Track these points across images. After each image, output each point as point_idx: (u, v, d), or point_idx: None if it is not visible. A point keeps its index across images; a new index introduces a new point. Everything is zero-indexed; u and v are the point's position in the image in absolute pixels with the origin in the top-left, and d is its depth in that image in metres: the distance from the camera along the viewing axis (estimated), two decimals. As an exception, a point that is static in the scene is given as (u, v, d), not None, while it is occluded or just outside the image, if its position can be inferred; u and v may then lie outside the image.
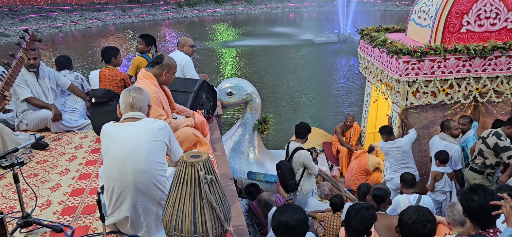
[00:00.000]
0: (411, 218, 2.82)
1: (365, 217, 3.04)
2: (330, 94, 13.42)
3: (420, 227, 2.76)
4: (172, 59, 4.05)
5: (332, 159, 7.83)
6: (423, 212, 2.87)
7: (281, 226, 2.70)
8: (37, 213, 3.21)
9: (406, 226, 2.83)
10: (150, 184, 2.73)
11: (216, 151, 4.53)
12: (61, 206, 3.34)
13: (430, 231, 2.78)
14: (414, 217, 2.82)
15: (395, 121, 6.18)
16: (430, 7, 5.86)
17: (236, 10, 37.10)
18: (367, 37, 6.72)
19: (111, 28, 29.47)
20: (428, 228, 2.77)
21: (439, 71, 5.69)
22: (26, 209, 2.95)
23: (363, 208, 3.12)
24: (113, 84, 5.17)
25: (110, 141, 2.74)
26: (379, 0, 37.43)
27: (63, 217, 3.19)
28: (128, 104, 2.85)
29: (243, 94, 6.36)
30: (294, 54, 19.46)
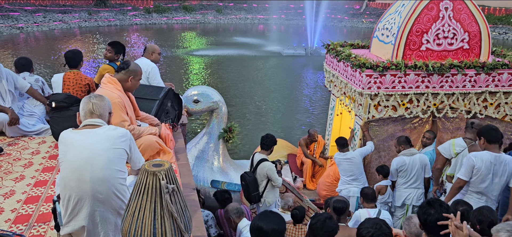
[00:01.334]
0: (369, 232, 2.90)
1: (331, 227, 3.15)
2: (296, 107, 13.58)
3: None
4: (138, 66, 4.00)
5: (296, 170, 7.91)
6: (380, 225, 2.95)
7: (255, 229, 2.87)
8: (-12, 221, 3.07)
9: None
10: (109, 193, 2.65)
11: (180, 160, 4.47)
12: (14, 214, 3.19)
13: None
14: (372, 231, 2.90)
15: (357, 133, 6.33)
16: (393, 25, 6.08)
17: (206, 19, 37.11)
18: (333, 52, 6.89)
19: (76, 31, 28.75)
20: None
21: (400, 86, 5.89)
22: (-25, 217, 2.81)
23: (327, 218, 3.21)
24: (77, 88, 5.01)
25: (68, 148, 2.65)
26: (346, 17, 38.45)
27: (15, 225, 3.05)
28: (88, 111, 2.79)
29: (210, 102, 6.34)
30: (262, 66, 19.61)
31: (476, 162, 4.28)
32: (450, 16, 5.84)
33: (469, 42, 5.95)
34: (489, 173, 4.28)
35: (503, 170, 4.29)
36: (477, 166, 4.29)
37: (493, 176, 4.30)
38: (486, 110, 6.12)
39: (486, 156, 4.27)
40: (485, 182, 4.32)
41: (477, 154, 4.35)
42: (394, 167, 5.55)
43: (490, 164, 4.26)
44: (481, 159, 4.27)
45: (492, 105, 6.09)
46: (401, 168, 5.48)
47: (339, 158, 6.06)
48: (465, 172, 4.38)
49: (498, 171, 4.30)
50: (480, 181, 4.33)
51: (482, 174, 4.29)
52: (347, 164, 5.96)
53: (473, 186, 4.41)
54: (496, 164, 4.27)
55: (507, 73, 5.91)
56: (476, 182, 4.35)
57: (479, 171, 4.29)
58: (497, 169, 4.29)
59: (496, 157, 4.27)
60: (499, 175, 4.30)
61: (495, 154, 4.29)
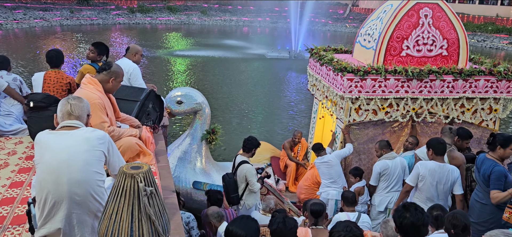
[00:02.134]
0: (339, 235, 2.95)
1: (293, 224, 3.32)
2: (279, 109, 13.63)
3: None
4: (120, 67, 3.97)
5: (279, 173, 7.95)
6: (351, 227, 3.01)
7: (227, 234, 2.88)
8: (-40, 223, 2.99)
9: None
10: (87, 195, 2.62)
11: (160, 162, 4.44)
12: (-12, 216, 3.13)
13: None
14: (343, 234, 2.95)
15: (339, 136, 6.40)
16: (374, 31, 6.17)
17: (190, 20, 36.95)
18: (316, 56, 6.95)
19: (57, 29, 28.28)
20: None
21: (380, 90, 5.98)
22: None
23: (285, 218, 3.37)
24: (58, 87, 4.94)
25: (44, 149, 2.61)
26: (330, 21, 38.79)
27: (-11, 227, 2.99)
28: (66, 112, 2.75)
29: (193, 104, 6.33)
30: (245, 68, 19.62)
31: (421, 170, 4.72)
32: (430, 23, 5.96)
33: (447, 49, 6.08)
34: (434, 180, 4.69)
35: (446, 177, 4.71)
36: (422, 173, 4.71)
37: (437, 183, 4.71)
38: (464, 116, 6.26)
39: (431, 165, 4.72)
40: (430, 189, 4.74)
41: (423, 163, 4.79)
42: (377, 171, 5.61)
43: (434, 171, 4.68)
44: (425, 167, 4.71)
45: (469, 110, 6.23)
46: (384, 171, 5.58)
47: (317, 162, 6.16)
48: (412, 178, 4.82)
49: (442, 179, 4.70)
50: (426, 187, 4.74)
51: (427, 181, 4.70)
52: (325, 167, 6.05)
53: (420, 192, 4.82)
54: (440, 172, 4.69)
55: (484, 80, 6.06)
56: (423, 188, 4.76)
57: (424, 178, 4.70)
58: (441, 177, 4.70)
59: (440, 166, 4.71)
60: (443, 182, 4.71)
61: (440, 163, 4.73)
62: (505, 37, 31.81)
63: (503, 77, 6.03)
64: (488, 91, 6.14)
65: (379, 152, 5.77)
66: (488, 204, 4.53)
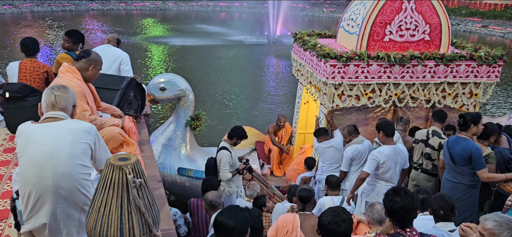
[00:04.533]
0: (327, 219, 2.97)
1: None
2: (261, 95, 13.60)
3: (336, 227, 2.91)
4: (99, 55, 3.85)
5: (264, 157, 7.95)
6: (338, 212, 3.03)
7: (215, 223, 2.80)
8: None
9: (323, 227, 2.98)
10: (73, 189, 2.52)
11: (144, 152, 4.35)
12: (-34, 213, 2.99)
13: (345, 229, 2.93)
14: (330, 218, 2.96)
15: (322, 122, 6.41)
16: (358, 16, 6.16)
17: (166, 5, 36.26)
18: (300, 41, 6.91)
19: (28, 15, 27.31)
20: (343, 227, 2.92)
21: (363, 76, 6.00)
22: None
23: None
24: (35, 76, 4.74)
25: (27, 141, 2.48)
26: (307, 6, 38.76)
27: (-32, 225, 2.85)
28: (50, 103, 2.62)
29: (176, 90, 6.24)
30: (224, 54, 19.45)
31: (380, 158, 4.89)
32: (413, 8, 5.98)
33: (430, 34, 6.13)
34: (392, 163, 4.93)
35: (401, 157, 5.02)
36: (382, 161, 4.90)
37: (395, 164, 4.97)
38: (445, 100, 6.35)
39: (387, 150, 4.92)
40: (390, 171, 4.97)
41: (379, 151, 4.95)
42: (348, 157, 5.65)
43: (391, 155, 4.92)
44: (384, 155, 4.90)
45: (450, 95, 6.33)
46: (355, 156, 5.64)
47: (323, 147, 6.04)
48: (370, 166, 4.95)
49: (398, 160, 4.98)
50: (386, 172, 4.96)
51: (387, 166, 4.92)
52: (332, 152, 6.00)
53: (380, 176, 5.03)
54: (395, 154, 4.95)
55: (465, 65, 6.15)
56: (383, 173, 4.98)
57: (385, 164, 4.91)
58: (397, 158, 4.97)
59: (394, 149, 4.96)
60: (399, 163, 5.01)
61: (392, 146, 4.97)
62: (478, 20, 32.57)
63: (484, 61, 6.14)
64: (468, 76, 6.24)
65: (348, 137, 5.83)
66: (461, 182, 4.72)
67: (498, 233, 2.34)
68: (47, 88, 2.69)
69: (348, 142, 5.80)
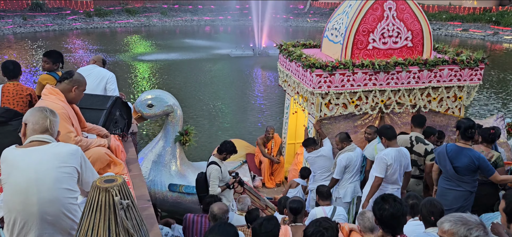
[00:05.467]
0: (309, 231, 3.05)
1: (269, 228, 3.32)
2: (248, 107, 13.61)
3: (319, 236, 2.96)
4: (82, 75, 3.80)
5: (255, 169, 7.93)
6: (320, 222, 3.09)
7: None
8: None
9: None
10: (59, 214, 2.47)
11: (132, 171, 4.29)
12: None
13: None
14: (312, 229, 3.03)
15: (311, 131, 6.42)
16: (341, 25, 6.21)
17: (150, 22, 36.20)
18: (285, 52, 6.94)
19: (10, 37, 26.99)
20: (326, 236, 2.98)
21: (349, 84, 6.04)
22: None
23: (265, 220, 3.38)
24: (18, 99, 4.66)
25: (11, 168, 2.42)
26: (291, 16, 39.09)
27: (-50, 256, 2.76)
28: (43, 127, 2.55)
29: (164, 106, 6.22)
30: (210, 68, 19.45)
31: (388, 160, 4.98)
32: (394, 16, 6.07)
33: (412, 40, 6.21)
34: (397, 165, 5.04)
35: (404, 159, 5.13)
36: (390, 163, 4.98)
37: (400, 166, 5.09)
38: (430, 104, 6.42)
39: (393, 152, 5.01)
40: (396, 174, 5.08)
41: (387, 153, 5.02)
42: (342, 165, 5.68)
43: (397, 157, 5.02)
44: (391, 156, 4.99)
45: (435, 99, 6.40)
46: (349, 163, 5.67)
47: (313, 156, 6.09)
48: (381, 170, 5.01)
49: (402, 161, 5.10)
50: (393, 174, 5.06)
51: (394, 167, 5.02)
52: (322, 160, 6.05)
53: (386, 179, 5.10)
54: (400, 156, 5.06)
55: (448, 69, 6.24)
56: (389, 175, 5.07)
57: (392, 166, 5.00)
58: (402, 159, 5.09)
59: (398, 151, 5.07)
60: (403, 164, 5.12)
61: (397, 148, 5.09)
62: (458, 25, 33.21)
63: (466, 65, 6.23)
64: (452, 80, 6.32)
65: (340, 145, 5.86)
66: (466, 189, 4.79)
67: (456, 231, 2.42)
68: (38, 110, 2.63)
69: (340, 149, 5.83)
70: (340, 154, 5.78)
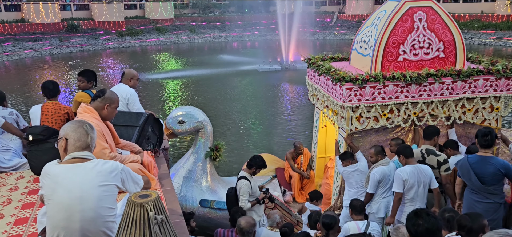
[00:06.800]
0: None
1: None
2: (277, 121, 13.61)
3: None
4: (115, 93, 3.90)
5: (285, 184, 7.90)
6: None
7: None
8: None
9: None
10: (99, 232, 2.54)
11: (164, 186, 4.36)
12: (-7, 257, 3.02)
13: None
14: None
15: (342, 145, 6.35)
16: (370, 38, 6.17)
17: (179, 39, 37.00)
18: (314, 66, 6.93)
19: (48, 58, 28.16)
20: None
21: (380, 97, 5.96)
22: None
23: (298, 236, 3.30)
24: (56, 118, 4.85)
25: (56, 185, 2.50)
26: (318, 30, 39.08)
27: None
28: (85, 144, 2.63)
29: (194, 122, 6.31)
30: (239, 83, 19.63)
31: (403, 176, 4.96)
32: (425, 27, 5.97)
33: (444, 50, 6.08)
34: (415, 181, 4.97)
35: (424, 176, 5.02)
36: (405, 178, 4.97)
37: (418, 183, 4.98)
38: (465, 116, 6.24)
39: (409, 168, 5.01)
40: (412, 190, 4.99)
41: (402, 169, 5.04)
42: (376, 179, 5.53)
43: (413, 173, 4.97)
44: (406, 172, 4.97)
45: (470, 110, 6.22)
46: (382, 177, 5.54)
47: (349, 171, 5.92)
48: (398, 186, 5.03)
49: (421, 178, 5.00)
50: (409, 190, 5.00)
51: (410, 183, 4.97)
52: (359, 175, 5.89)
53: (405, 195, 5.06)
54: (418, 173, 4.99)
55: (483, 79, 6.06)
56: (406, 191, 5.02)
57: (407, 182, 4.97)
58: (420, 177, 5.00)
59: (416, 167, 5.01)
60: (422, 181, 5.01)
61: (415, 165, 5.04)
62: (492, 33, 32.24)
63: (502, 75, 6.04)
64: (488, 90, 6.13)
65: (374, 157, 5.71)
66: (495, 201, 4.62)
67: None
68: (78, 125, 2.69)
69: (373, 162, 5.70)
70: (373, 168, 5.66)
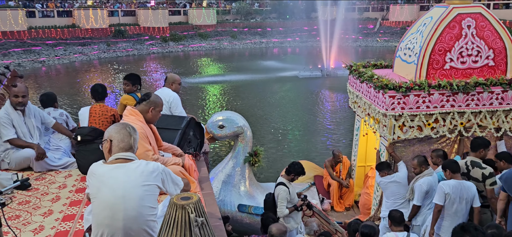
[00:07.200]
0: None
1: None
2: (316, 128, 13.50)
3: None
4: (159, 97, 4.03)
5: (323, 192, 7.81)
6: None
7: None
8: (18, 259, 3.05)
9: None
10: (141, 231, 2.63)
11: (204, 189, 4.44)
12: (43, 251, 3.19)
13: None
14: None
15: (383, 154, 6.20)
16: (415, 45, 6.00)
17: (221, 45, 37.51)
18: (355, 73, 6.84)
19: (95, 62, 29.38)
20: None
21: (424, 106, 5.78)
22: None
23: None
24: (103, 119, 5.08)
25: (101, 184, 2.62)
26: (360, 36, 38.40)
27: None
28: (128, 145, 2.74)
29: (234, 127, 6.39)
30: (278, 89, 19.64)
31: (446, 189, 4.87)
32: (473, 34, 5.74)
33: (494, 59, 5.82)
34: (457, 196, 4.88)
35: (467, 193, 4.90)
36: (447, 191, 4.87)
37: (460, 198, 4.88)
38: (516, 127, 5.93)
39: (452, 182, 4.92)
40: (454, 205, 4.88)
41: (445, 182, 4.95)
42: (424, 190, 5.35)
43: (456, 188, 4.87)
44: (449, 186, 4.88)
45: (523, 121, 5.91)
46: (429, 188, 5.36)
47: (385, 181, 5.80)
48: (439, 198, 4.93)
49: (463, 194, 4.88)
50: (451, 205, 4.90)
51: (451, 198, 4.87)
52: (396, 186, 5.76)
53: (445, 210, 4.96)
54: (461, 188, 4.88)
55: (536, 89, 5.74)
56: (448, 205, 4.92)
57: (449, 196, 4.87)
58: (463, 192, 4.88)
59: (460, 183, 4.91)
60: (464, 198, 4.89)
61: (459, 181, 4.94)
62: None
63: (558, 84, 5.70)
64: (542, 101, 5.80)
65: (418, 168, 5.53)
66: None
67: None
68: (122, 127, 2.80)
69: (417, 173, 5.53)
70: (418, 178, 5.48)
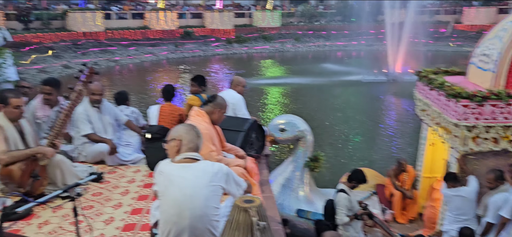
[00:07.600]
0: None
1: None
2: (379, 135, 13.06)
3: None
4: (224, 99, 4.16)
5: (385, 202, 7.52)
6: None
7: None
8: (92, 247, 3.27)
9: None
10: (205, 229, 2.72)
11: (264, 192, 4.47)
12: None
13: None
14: None
15: (452, 166, 5.85)
16: (493, 51, 5.60)
17: (284, 47, 37.53)
18: (425, 79, 6.52)
19: (164, 62, 30.73)
20: None
21: (502, 117, 5.39)
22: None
23: None
24: (171, 118, 5.32)
25: (169, 183, 2.74)
26: (430, 41, 36.52)
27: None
28: (196, 146, 2.86)
29: (296, 131, 6.38)
30: (341, 93, 19.27)
31: None
32: (561, 40, 5.24)
33: None
34: None
35: None
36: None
37: None
38: None
39: None
40: None
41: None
42: (498, 206, 4.98)
43: None
44: None
45: None
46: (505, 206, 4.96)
47: (450, 194, 5.53)
48: (509, 211, 4.67)
49: None
50: None
51: None
52: (460, 201, 5.46)
53: None
54: None
55: None
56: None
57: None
58: None
59: None
60: None
61: None
62: None
63: None
64: None
65: (493, 184, 5.16)
66: None
67: None
68: (190, 128, 2.93)
69: (491, 188, 5.16)
70: (491, 193, 5.11)
